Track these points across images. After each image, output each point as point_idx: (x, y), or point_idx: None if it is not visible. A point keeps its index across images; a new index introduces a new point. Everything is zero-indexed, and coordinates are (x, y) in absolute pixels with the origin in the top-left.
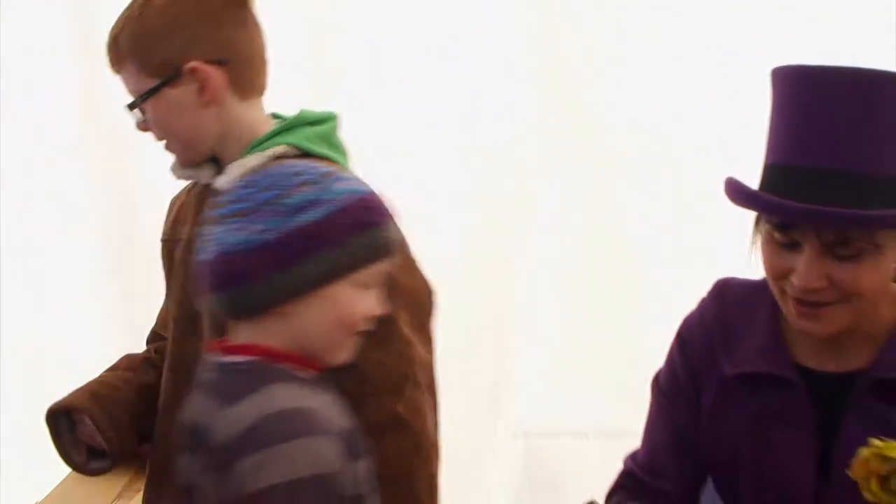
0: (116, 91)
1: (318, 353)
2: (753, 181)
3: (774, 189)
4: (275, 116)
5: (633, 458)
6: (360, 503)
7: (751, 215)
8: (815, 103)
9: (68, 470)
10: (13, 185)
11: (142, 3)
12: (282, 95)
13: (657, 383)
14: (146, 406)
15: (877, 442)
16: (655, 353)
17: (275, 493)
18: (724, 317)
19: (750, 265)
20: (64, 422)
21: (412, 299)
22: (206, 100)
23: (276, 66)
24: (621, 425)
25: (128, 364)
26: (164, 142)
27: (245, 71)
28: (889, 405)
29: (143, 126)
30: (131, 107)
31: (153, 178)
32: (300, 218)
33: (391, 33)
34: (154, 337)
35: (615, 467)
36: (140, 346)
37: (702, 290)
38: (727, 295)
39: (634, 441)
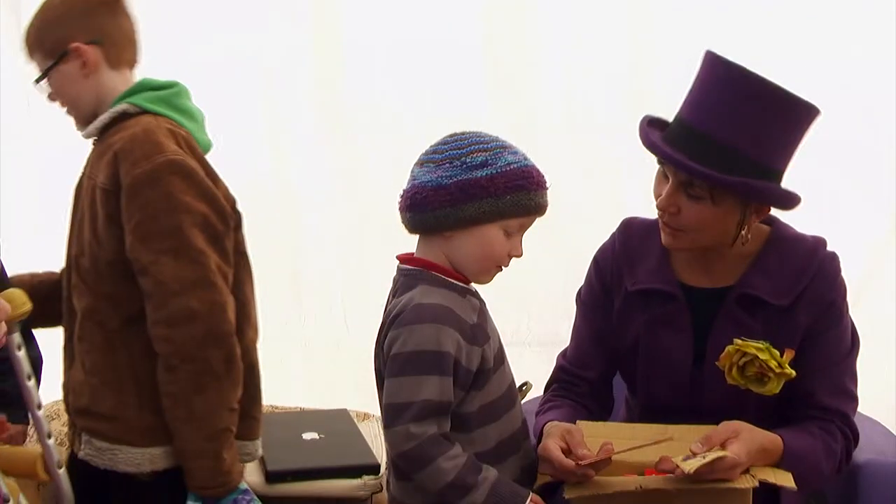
0: None
1: (465, 272)
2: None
3: (670, 134)
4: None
5: (563, 355)
6: (487, 374)
7: (641, 176)
8: (709, 84)
9: None
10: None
11: (40, 4)
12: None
13: (579, 297)
14: (48, 293)
15: (739, 341)
16: (580, 282)
17: (400, 357)
18: (628, 246)
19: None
20: None
21: (204, 220)
22: (86, 72)
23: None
24: (554, 337)
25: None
26: (66, 108)
27: (114, 48)
28: (748, 314)
29: (52, 97)
30: (37, 81)
31: None
32: (472, 173)
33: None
34: None
35: (549, 367)
36: None
37: (609, 231)
38: (631, 229)
39: (563, 348)
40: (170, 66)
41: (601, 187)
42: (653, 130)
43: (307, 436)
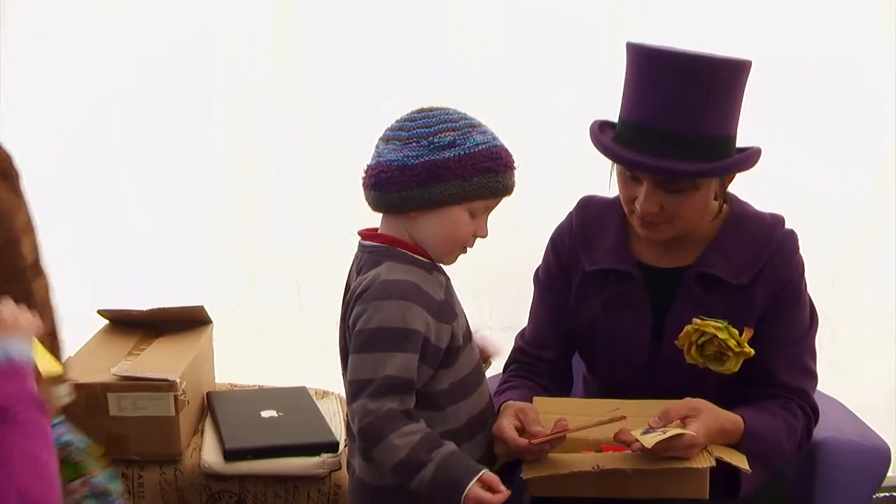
0: None
1: (429, 251)
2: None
3: (622, 139)
4: None
5: (521, 336)
6: (456, 352)
7: (605, 160)
8: (653, 77)
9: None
10: None
11: None
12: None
13: (537, 277)
14: None
15: (698, 320)
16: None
17: (364, 333)
18: (586, 225)
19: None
20: None
21: None
22: None
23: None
24: (516, 322)
25: None
26: None
27: None
28: (706, 293)
29: None
30: None
31: None
32: (439, 154)
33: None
34: None
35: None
36: None
37: (568, 207)
38: (588, 209)
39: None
40: (128, 44)
41: (564, 172)
42: (605, 137)
43: (266, 413)
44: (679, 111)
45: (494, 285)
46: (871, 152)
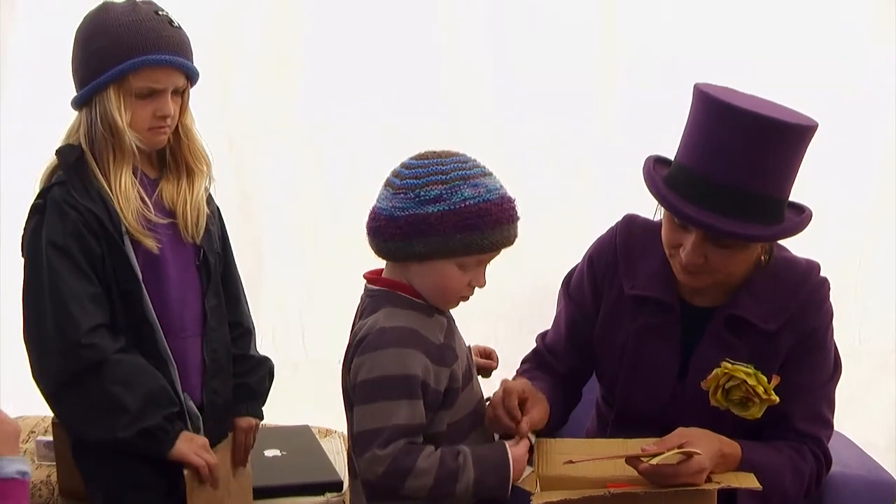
0: None
1: (426, 299)
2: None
3: (678, 187)
4: None
5: (542, 338)
6: (455, 393)
7: (607, 191)
8: (722, 131)
9: None
10: None
11: None
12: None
13: (567, 284)
14: None
15: (728, 364)
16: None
17: (367, 385)
18: (630, 244)
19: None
20: None
21: None
22: None
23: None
24: (520, 358)
25: None
26: None
27: None
28: (734, 334)
29: None
30: None
31: None
32: (423, 209)
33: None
34: None
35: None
36: None
37: (573, 251)
38: (634, 227)
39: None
40: None
41: (567, 205)
42: (659, 178)
43: (269, 453)
44: (746, 171)
45: (498, 321)
46: (869, 182)
